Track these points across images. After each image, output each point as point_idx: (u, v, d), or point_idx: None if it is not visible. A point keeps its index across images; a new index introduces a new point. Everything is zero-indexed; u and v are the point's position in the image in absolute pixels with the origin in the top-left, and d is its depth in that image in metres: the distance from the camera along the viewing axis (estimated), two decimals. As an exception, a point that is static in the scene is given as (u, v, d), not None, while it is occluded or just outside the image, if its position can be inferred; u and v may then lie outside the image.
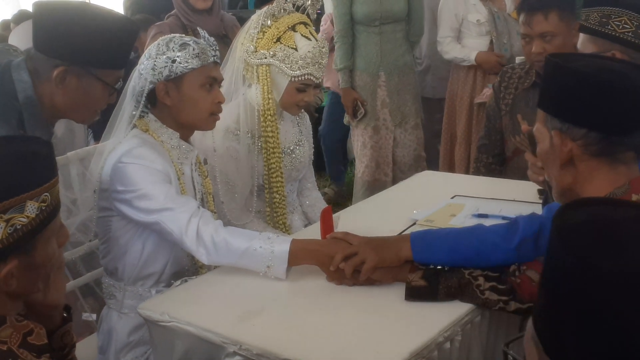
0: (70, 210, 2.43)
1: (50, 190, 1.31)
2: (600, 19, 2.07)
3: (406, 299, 1.83)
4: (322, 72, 2.52)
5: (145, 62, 2.14)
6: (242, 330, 1.73)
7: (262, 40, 2.47)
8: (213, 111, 2.19)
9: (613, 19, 2.04)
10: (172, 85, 2.12)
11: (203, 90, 2.15)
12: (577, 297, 0.86)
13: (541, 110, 1.60)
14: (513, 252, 1.82)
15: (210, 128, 2.26)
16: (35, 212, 1.27)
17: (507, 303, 1.77)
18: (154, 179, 2.04)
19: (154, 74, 2.12)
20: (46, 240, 1.32)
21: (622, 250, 0.87)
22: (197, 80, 2.13)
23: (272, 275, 1.95)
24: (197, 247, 1.98)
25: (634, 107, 1.45)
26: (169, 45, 2.13)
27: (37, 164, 1.31)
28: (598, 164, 1.51)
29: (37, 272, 1.34)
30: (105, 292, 2.27)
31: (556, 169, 1.57)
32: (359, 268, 1.89)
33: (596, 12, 2.09)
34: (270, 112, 2.49)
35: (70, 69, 1.96)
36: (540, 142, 1.60)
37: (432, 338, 1.67)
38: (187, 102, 2.14)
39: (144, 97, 2.14)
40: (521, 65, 3.11)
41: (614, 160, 1.51)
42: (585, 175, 1.53)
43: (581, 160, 1.52)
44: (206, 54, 2.15)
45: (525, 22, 2.83)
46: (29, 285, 1.34)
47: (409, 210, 2.44)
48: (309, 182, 2.82)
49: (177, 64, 2.11)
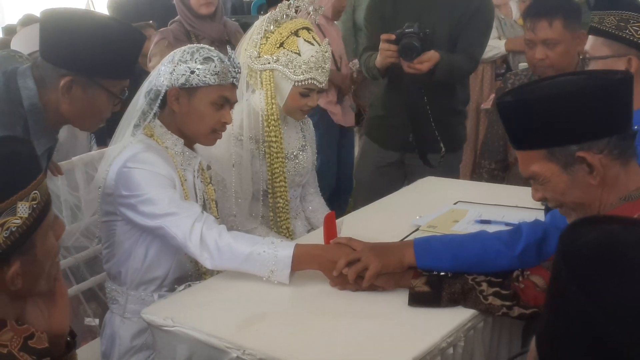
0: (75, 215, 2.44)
1: (39, 187, 1.30)
2: (618, 22, 2.05)
3: (409, 305, 1.83)
4: (325, 76, 2.53)
5: (168, 64, 2.15)
6: (245, 335, 1.73)
7: (265, 45, 2.48)
8: (215, 129, 2.20)
9: (632, 23, 2.03)
10: (184, 93, 2.13)
11: (212, 108, 2.15)
12: (580, 326, 0.84)
13: (534, 152, 1.54)
14: (516, 259, 1.83)
15: (209, 144, 2.26)
16: (28, 211, 1.27)
17: (510, 308, 1.77)
18: (158, 183, 2.05)
19: (170, 79, 2.12)
20: (44, 235, 1.33)
21: (627, 280, 0.84)
22: (209, 96, 2.14)
23: (275, 279, 1.95)
24: (201, 252, 1.98)
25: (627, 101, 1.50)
26: (193, 55, 2.13)
27: (21, 164, 1.30)
28: (620, 168, 1.50)
29: (40, 267, 1.34)
30: (108, 297, 2.28)
31: (581, 191, 1.53)
32: (362, 274, 1.89)
33: (613, 15, 2.07)
34: (273, 117, 2.50)
35: (76, 79, 1.97)
36: (550, 182, 1.55)
37: (435, 344, 1.67)
38: (193, 114, 2.15)
39: (160, 98, 2.14)
40: (524, 71, 3.12)
41: (629, 161, 1.51)
42: (611, 183, 1.51)
43: (609, 168, 1.50)
44: (226, 74, 2.15)
45: (530, 28, 2.84)
46: (33, 281, 1.34)
47: (412, 216, 2.44)
48: (312, 188, 2.83)
49: (195, 75, 2.11)
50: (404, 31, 2.82)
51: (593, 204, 1.54)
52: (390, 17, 3.10)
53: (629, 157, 1.51)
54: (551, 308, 0.92)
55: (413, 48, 2.80)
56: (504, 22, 4.18)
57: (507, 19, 4.21)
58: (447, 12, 3.07)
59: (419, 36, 2.80)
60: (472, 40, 3.11)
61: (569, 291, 0.85)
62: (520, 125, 1.56)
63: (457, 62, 3.02)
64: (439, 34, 2.94)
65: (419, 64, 2.83)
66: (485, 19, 3.16)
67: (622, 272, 0.85)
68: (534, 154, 1.54)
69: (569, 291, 0.86)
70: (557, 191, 1.55)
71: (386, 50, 2.87)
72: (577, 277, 0.85)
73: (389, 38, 2.86)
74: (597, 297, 0.83)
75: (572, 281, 0.85)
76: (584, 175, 1.50)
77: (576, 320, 0.85)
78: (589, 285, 0.84)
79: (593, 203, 1.53)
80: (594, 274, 0.86)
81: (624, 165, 1.51)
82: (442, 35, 2.98)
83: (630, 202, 1.48)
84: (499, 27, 4.17)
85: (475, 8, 3.09)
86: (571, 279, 0.86)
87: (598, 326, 0.82)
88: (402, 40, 2.81)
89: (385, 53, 2.88)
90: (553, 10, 2.80)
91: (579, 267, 0.87)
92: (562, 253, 0.90)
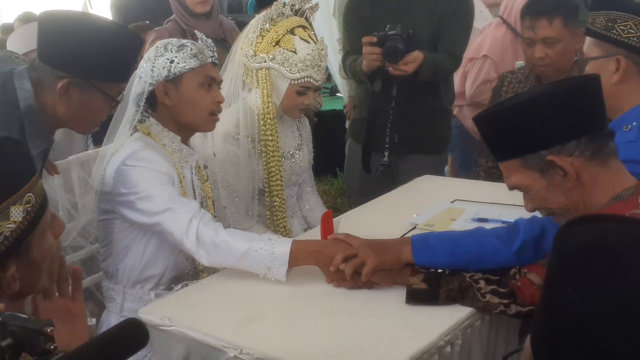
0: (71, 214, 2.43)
1: (33, 190, 1.28)
2: (606, 22, 2.07)
3: (407, 302, 1.83)
4: (321, 74, 2.53)
5: (144, 65, 2.17)
6: (242, 334, 1.73)
7: (261, 44, 2.48)
8: (212, 110, 2.21)
9: (619, 23, 2.04)
10: (171, 85, 2.14)
11: (202, 90, 2.17)
12: (574, 326, 0.85)
13: (511, 161, 1.59)
14: (513, 256, 1.83)
15: (210, 129, 2.27)
16: (22, 215, 1.25)
17: (507, 306, 1.77)
18: (157, 180, 2.05)
19: (152, 76, 2.14)
20: (40, 237, 1.31)
21: (620, 280, 0.85)
22: (195, 79, 2.16)
23: (273, 277, 1.95)
24: (197, 249, 1.98)
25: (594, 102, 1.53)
26: (167, 47, 2.16)
27: (14, 166, 1.28)
28: (597, 168, 1.53)
29: (38, 268, 1.33)
30: (105, 296, 2.28)
31: (563, 195, 1.57)
32: (359, 270, 1.89)
33: (602, 15, 2.09)
34: (269, 116, 2.50)
35: (73, 81, 1.96)
36: (532, 190, 1.59)
37: (432, 342, 1.67)
38: (186, 102, 2.16)
39: (144, 99, 2.15)
40: (521, 69, 3.12)
41: (608, 161, 1.53)
42: (590, 184, 1.54)
43: (584, 169, 1.53)
44: (204, 54, 2.18)
45: (529, 26, 2.84)
46: (33, 282, 1.34)
47: (409, 215, 2.44)
48: (308, 187, 2.83)
49: (176, 64, 2.13)
50: (386, 33, 2.82)
51: (578, 207, 1.57)
52: (369, 18, 3.09)
53: (606, 156, 1.54)
54: (546, 307, 0.92)
55: (397, 50, 2.80)
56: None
57: (508, 19, 4.20)
58: (428, 11, 3.06)
59: (402, 38, 2.80)
60: (454, 38, 3.11)
61: (563, 291, 0.86)
62: (493, 136, 1.63)
63: (441, 61, 3.02)
64: (420, 33, 2.94)
65: (404, 66, 2.83)
66: (466, 15, 3.16)
67: (616, 272, 0.86)
68: (512, 164, 1.60)
69: (563, 291, 0.86)
70: (540, 198, 1.60)
71: (370, 54, 2.86)
72: (571, 277, 0.85)
73: (370, 40, 2.85)
74: (591, 297, 0.83)
75: (566, 281, 0.85)
76: (561, 179, 1.55)
77: (570, 320, 0.85)
78: (583, 285, 0.84)
79: (577, 206, 1.57)
80: (588, 274, 0.86)
81: (601, 165, 1.53)
82: (423, 34, 2.98)
83: (621, 202, 1.49)
84: None
85: (455, 6, 3.08)
86: (565, 278, 0.86)
87: (592, 326, 0.82)
88: (386, 43, 2.81)
89: (370, 57, 2.87)
90: (553, 8, 2.80)
91: (573, 266, 0.87)
92: (556, 252, 0.90)
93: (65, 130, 2.86)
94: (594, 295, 0.83)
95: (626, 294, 0.83)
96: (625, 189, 1.51)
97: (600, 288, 0.84)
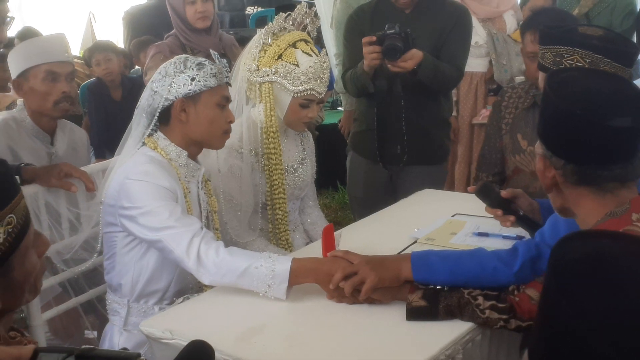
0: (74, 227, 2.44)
1: (15, 210, 1.23)
2: (554, 57, 2.14)
3: (407, 320, 1.83)
4: (324, 87, 2.55)
5: (161, 79, 2.17)
6: (243, 347, 1.74)
7: (263, 58, 2.49)
8: (226, 130, 2.24)
9: (566, 57, 2.11)
10: (189, 102, 2.16)
11: (218, 109, 2.20)
12: (569, 340, 0.85)
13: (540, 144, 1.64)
14: (514, 277, 1.84)
15: (220, 147, 2.30)
16: (2, 237, 1.21)
17: (507, 321, 1.77)
18: (160, 196, 2.06)
19: (170, 91, 2.14)
20: (22, 257, 1.27)
21: (615, 294, 0.85)
22: (213, 99, 2.18)
23: (272, 295, 1.94)
24: (198, 268, 1.98)
25: (607, 141, 1.48)
26: (186, 64, 2.17)
27: None
28: (582, 192, 1.55)
29: (19, 287, 1.29)
30: (108, 309, 2.28)
31: (546, 189, 1.62)
32: (359, 287, 1.89)
33: (550, 50, 2.18)
34: (272, 130, 2.51)
35: None
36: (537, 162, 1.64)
37: (433, 356, 1.68)
38: (203, 120, 2.18)
39: (158, 114, 2.16)
40: (521, 84, 3.13)
41: (600, 189, 1.53)
42: (573, 200, 1.57)
43: (565, 187, 1.56)
44: (222, 74, 2.21)
45: (533, 41, 2.85)
46: (15, 301, 1.30)
47: (410, 229, 2.45)
48: (310, 201, 2.83)
49: (196, 82, 2.15)
50: (385, 33, 2.90)
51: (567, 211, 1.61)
52: (369, 34, 3.14)
53: (604, 189, 1.52)
54: (542, 322, 0.93)
55: (396, 48, 2.87)
56: (496, 37, 4.20)
57: (500, 34, 4.22)
58: (429, 27, 3.13)
59: (401, 36, 2.88)
60: (454, 50, 3.19)
61: (559, 305, 0.87)
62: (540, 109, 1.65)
63: (442, 65, 3.09)
64: (420, 48, 2.98)
65: (403, 63, 2.90)
66: (466, 29, 3.26)
67: (610, 287, 0.86)
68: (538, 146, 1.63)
69: (558, 305, 0.87)
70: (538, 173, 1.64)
71: (370, 53, 2.93)
72: (567, 292, 0.87)
73: (370, 40, 2.93)
74: (585, 311, 0.84)
75: (561, 295, 0.87)
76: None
77: (565, 334, 0.86)
78: (578, 300, 0.85)
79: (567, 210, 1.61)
80: (582, 289, 0.87)
81: (591, 192, 1.53)
82: (424, 49, 3.01)
83: (615, 218, 1.50)
84: (490, 43, 4.19)
85: (455, 20, 3.17)
86: (560, 292, 0.87)
87: (586, 340, 0.83)
88: (385, 42, 2.89)
89: (370, 56, 2.94)
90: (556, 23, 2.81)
91: (568, 281, 0.88)
92: (552, 267, 0.91)
93: (68, 144, 2.89)
94: (588, 310, 0.84)
95: (620, 308, 0.84)
96: (618, 205, 1.51)
97: (594, 303, 0.85)
